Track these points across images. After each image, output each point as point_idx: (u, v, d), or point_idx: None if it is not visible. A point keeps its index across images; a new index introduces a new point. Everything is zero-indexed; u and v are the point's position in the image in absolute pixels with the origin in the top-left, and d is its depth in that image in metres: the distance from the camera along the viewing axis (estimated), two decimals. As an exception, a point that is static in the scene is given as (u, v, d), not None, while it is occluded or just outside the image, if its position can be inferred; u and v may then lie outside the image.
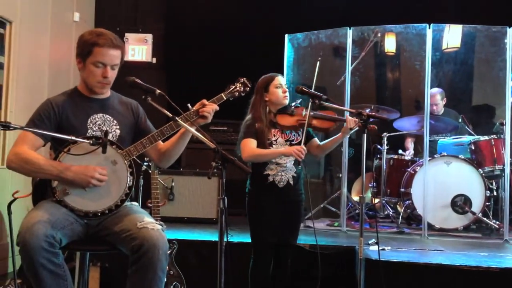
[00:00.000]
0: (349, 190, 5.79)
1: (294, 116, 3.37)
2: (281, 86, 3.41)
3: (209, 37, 6.56)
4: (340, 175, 5.33)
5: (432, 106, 5.81)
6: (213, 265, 2.50)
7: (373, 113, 3.29)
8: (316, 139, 3.49)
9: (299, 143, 3.34)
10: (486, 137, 5.36)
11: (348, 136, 3.52)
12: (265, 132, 3.33)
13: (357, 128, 3.27)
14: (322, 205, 5.65)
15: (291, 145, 3.35)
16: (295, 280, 3.69)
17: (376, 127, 3.25)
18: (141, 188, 4.35)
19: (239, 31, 6.53)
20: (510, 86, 5.13)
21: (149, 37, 6.58)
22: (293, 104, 3.45)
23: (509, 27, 5.03)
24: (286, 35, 5.64)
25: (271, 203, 3.30)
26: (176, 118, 2.61)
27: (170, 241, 3.42)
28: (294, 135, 3.40)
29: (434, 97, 5.83)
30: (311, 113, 3.33)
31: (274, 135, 3.36)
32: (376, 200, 5.84)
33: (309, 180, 6.55)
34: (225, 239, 2.47)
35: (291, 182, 3.33)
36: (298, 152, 3.19)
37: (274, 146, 3.33)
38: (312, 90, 3.37)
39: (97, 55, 2.68)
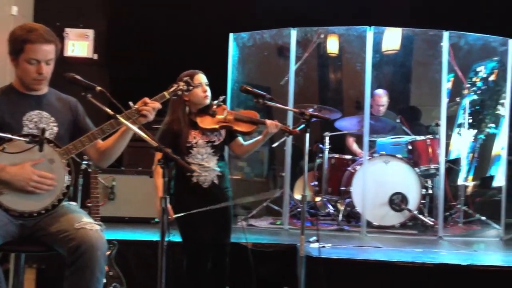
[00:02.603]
0: (292, 188, 5.86)
1: (215, 117, 3.28)
2: (201, 85, 3.28)
3: (153, 34, 6.49)
4: (283, 174, 5.39)
5: (379, 107, 5.97)
6: (154, 265, 2.47)
7: (316, 113, 3.34)
8: (239, 138, 3.42)
9: (221, 144, 3.32)
10: (422, 137, 5.57)
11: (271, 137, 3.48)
12: (184, 135, 3.24)
13: (282, 132, 3.28)
14: (265, 204, 5.70)
15: (212, 146, 3.29)
16: (236, 279, 3.70)
17: (298, 131, 3.23)
18: (80, 187, 4.25)
19: (184, 29, 6.48)
20: (445, 88, 5.35)
21: (90, 32, 6.41)
22: (215, 102, 3.33)
23: (445, 31, 5.23)
24: (231, 34, 5.64)
25: (197, 204, 3.21)
26: (117, 116, 2.57)
27: (109, 241, 3.34)
28: (215, 135, 3.32)
29: (381, 98, 5.99)
30: (234, 115, 3.30)
31: (195, 137, 3.26)
32: (318, 199, 5.94)
33: (253, 179, 6.64)
34: (167, 239, 2.45)
35: (216, 182, 3.28)
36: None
37: (194, 149, 3.25)
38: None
39: (29, 52, 2.60)
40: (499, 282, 3.56)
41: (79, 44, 6.38)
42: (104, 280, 2.89)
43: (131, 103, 2.69)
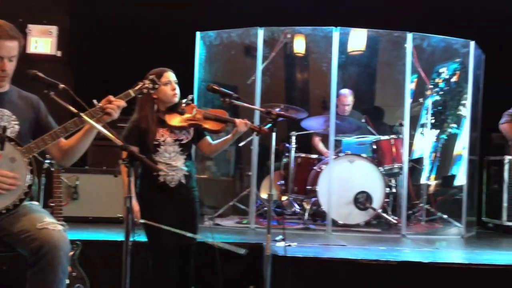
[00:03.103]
0: (258, 188, 5.88)
1: (184, 115, 3.27)
2: (170, 83, 3.26)
3: (118, 31, 6.40)
4: (250, 173, 5.40)
5: (345, 107, 6.04)
6: (119, 266, 2.44)
7: (282, 112, 3.36)
8: (208, 137, 3.42)
9: (189, 142, 3.30)
10: (386, 137, 5.66)
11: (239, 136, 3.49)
12: (152, 133, 3.22)
13: (253, 135, 3.29)
14: (231, 203, 5.70)
15: (180, 145, 3.27)
16: (202, 279, 3.69)
17: (267, 130, 3.23)
18: (43, 187, 4.16)
19: (151, 26, 6.43)
20: (409, 88, 5.45)
21: (54, 29, 6.30)
22: (183, 100, 3.33)
23: (409, 33, 5.33)
24: (198, 33, 5.62)
25: (164, 203, 3.23)
26: (81, 114, 2.53)
27: (73, 241, 3.29)
28: (184, 133, 3.31)
29: (347, 98, 6.06)
30: (203, 114, 3.29)
31: (162, 135, 3.25)
32: (284, 198, 5.97)
33: (219, 178, 6.63)
34: (131, 239, 2.42)
35: (183, 181, 3.27)
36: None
37: (162, 147, 3.23)
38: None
39: None
40: (460, 279, 3.65)
41: (42, 41, 6.25)
42: (67, 281, 2.84)
43: (95, 101, 2.65)
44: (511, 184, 5.56)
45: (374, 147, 5.63)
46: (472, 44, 5.46)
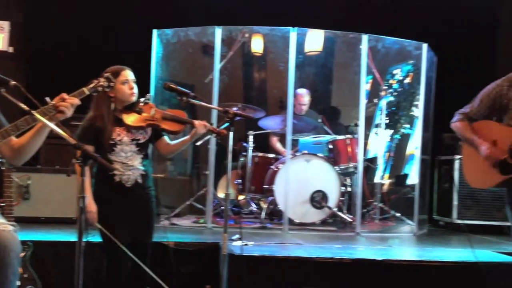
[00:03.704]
0: (215, 187, 5.87)
1: (142, 115, 3.22)
2: (128, 82, 3.21)
3: (73, 28, 6.26)
4: (207, 172, 5.38)
5: (302, 106, 6.09)
6: (72, 267, 2.40)
7: (240, 112, 3.37)
8: (165, 137, 3.38)
9: (146, 142, 3.27)
10: (342, 137, 5.75)
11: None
12: (108, 132, 3.16)
13: (210, 135, 3.29)
14: (188, 202, 5.67)
15: (137, 145, 3.23)
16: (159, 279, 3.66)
17: (226, 132, 3.23)
18: (-8, 186, 4.03)
19: (107, 23, 6.32)
20: (364, 89, 5.55)
21: (5, 24, 6.11)
22: (141, 100, 3.27)
23: (364, 34, 5.42)
24: (155, 30, 5.56)
25: (119, 203, 3.18)
26: (33, 112, 2.46)
27: (24, 242, 3.22)
28: (141, 133, 3.26)
29: (303, 98, 6.11)
30: (161, 114, 3.26)
31: (119, 134, 3.20)
32: (241, 197, 5.99)
33: (176, 178, 6.57)
34: (85, 239, 2.38)
35: (140, 181, 3.23)
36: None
37: (118, 146, 3.18)
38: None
39: None
40: (412, 275, 3.75)
41: (-6, 37, 6.06)
42: (18, 283, 2.78)
43: (47, 99, 2.59)
44: (461, 183, 5.73)
45: (330, 146, 5.71)
46: (424, 46, 5.61)
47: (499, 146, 3.20)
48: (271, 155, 5.96)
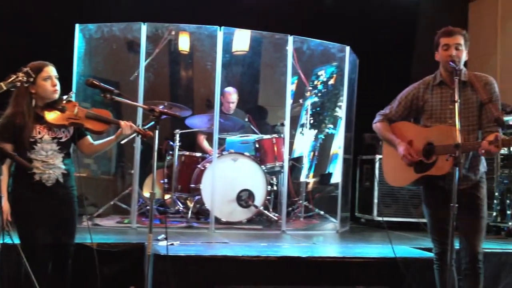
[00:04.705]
0: (141, 186, 5.77)
1: (65, 113, 3.14)
2: (50, 78, 3.13)
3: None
4: (132, 171, 5.28)
5: (230, 104, 6.10)
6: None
7: (166, 110, 3.33)
8: (88, 137, 3.32)
9: (68, 141, 3.20)
10: (268, 136, 5.81)
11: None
12: (28, 129, 3.06)
13: (134, 134, 3.25)
14: (112, 202, 5.53)
15: (58, 143, 3.15)
16: (80, 281, 3.55)
17: (152, 134, 3.19)
18: None
19: (27, 18, 6.03)
20: (290, 89, 5.64)
21: None
22: (64, 97, 3.20)
23: (290, 35, 5.51)
24: (77, 25, 5.37)
25: (39, 203, 3.09)
26: None
27: None
28: (63, 131, 3.19)
29: (231, 96, 6.12)
30: (85, 113, 3.19)
31: (40, 132, 3.11)
32: (167, 196, 5.92)
33: (100, 177, 6.40)
34: (1, 241, 2.27)
35: (61, 180, 3.16)
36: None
37: (38, 144, 3.10)
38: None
39: None
40: (335, 271, 3.86)
41: None
42: None
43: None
44: (381, 182, 5.95)
45: (257, 145, 5.76)
46: (347, 49, 5.78)
47: (414, 146, 3.36)
48: (198, 154, 5.94)
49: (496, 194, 5.32)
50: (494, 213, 5.29)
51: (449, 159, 3.02)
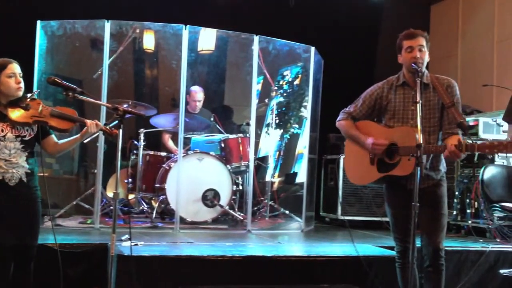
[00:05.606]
0: (104, 186, 5.68)
1: (29, 111, 3.10)
2: (14, 75, 3.09)
3: None
4: (95, 171, 5.19)
5: (196, 103, 6.08)
6: None
7: (130, 109, 3.30)
8: (53, 136, 3.27)
9: (32, 139, 3.14)
10: (234, 136, 5.81)
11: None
12: None
13: (99, 132, 3.22)
14: (74, 202, 5.43)
15: (22, 141, 3.10)
16: (43, 283, 3.48)
17: (117, 132, 3.16)
18: None
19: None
20: (255, 89, 5.65)
21: None
22: (28, 95, 3.15)
23: (256, 35, 5.53)
24: (39, 22, 5.25)
25: (1, 203, 3.03)
26: None
27: None
28: (27, 130, 3.14)
29: (197, 94, 6.10)
30: (49, 111, 3.14)
31: (3, 130, 3.07)
32: (131, 196, 5.85)
33: (62, 176, 6.28)
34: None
35: (24, 179, 3.11)
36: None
37: (1, 143, 3.05)
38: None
39: None
40: (300, 270, 3.89)
41: None
42: None
43: None
44: (345, 181, 6.02)
45: (222, 145, 5.75)
46: (312, 49, 5.83)
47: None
48: (163, 154, 5.89)
49: (456, 193, 5.44)
50: (455, 212, 5.41)
51: (411, 159, 3.07)
